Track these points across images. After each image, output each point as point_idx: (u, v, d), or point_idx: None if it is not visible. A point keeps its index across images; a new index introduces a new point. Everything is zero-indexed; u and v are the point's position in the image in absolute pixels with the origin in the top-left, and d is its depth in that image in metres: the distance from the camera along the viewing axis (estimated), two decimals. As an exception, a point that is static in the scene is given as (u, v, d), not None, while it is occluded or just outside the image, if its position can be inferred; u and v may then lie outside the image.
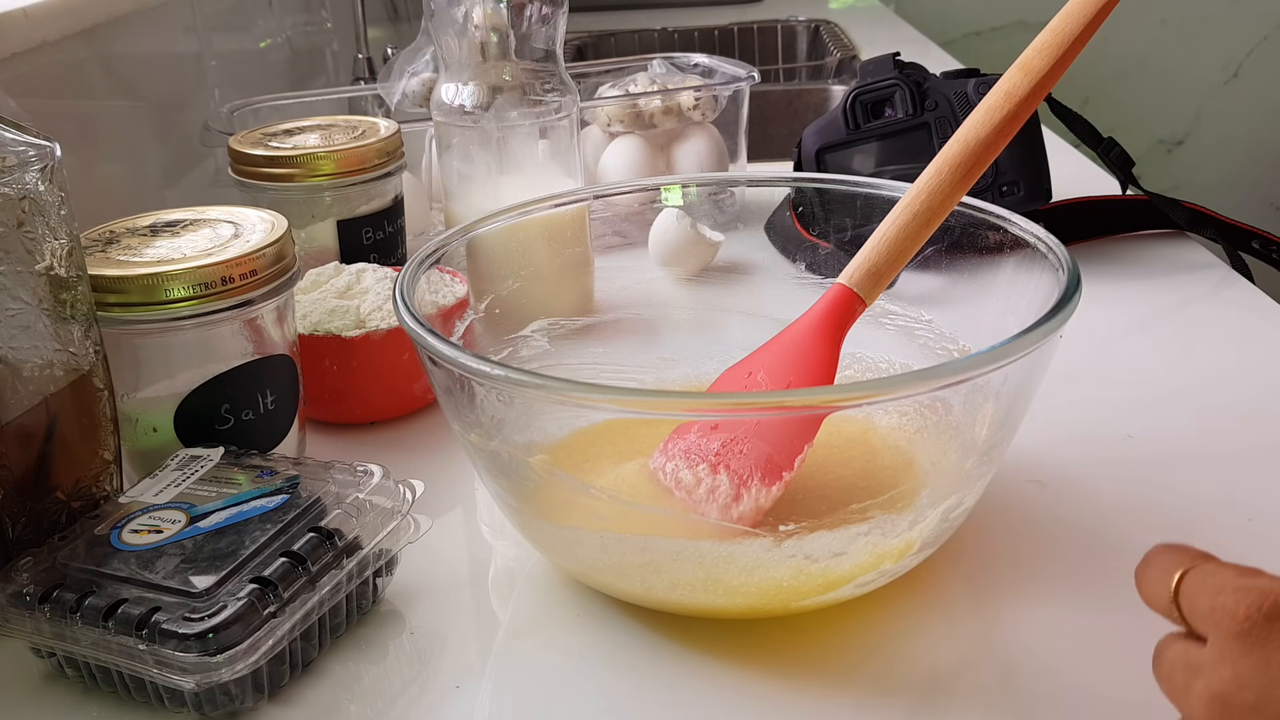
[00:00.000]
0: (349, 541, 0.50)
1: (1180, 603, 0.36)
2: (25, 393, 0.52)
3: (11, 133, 0.50)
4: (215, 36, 1.18)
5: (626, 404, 0.50)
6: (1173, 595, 0.36)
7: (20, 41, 0.79)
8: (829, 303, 0.54)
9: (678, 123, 0.99)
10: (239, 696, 0.46)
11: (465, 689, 0.48)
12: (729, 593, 0.48)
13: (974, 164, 0.53)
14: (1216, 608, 0.34)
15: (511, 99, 0.76)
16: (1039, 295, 0.52)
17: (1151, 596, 0.37)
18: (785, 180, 0.84)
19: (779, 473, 0.51)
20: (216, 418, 0.59)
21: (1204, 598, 0.35)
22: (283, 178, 0.77)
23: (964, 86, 0.84)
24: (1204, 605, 0.35)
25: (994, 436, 0.51)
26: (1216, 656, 0.34)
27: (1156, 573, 0.37)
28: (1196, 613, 0.35)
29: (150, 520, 0.50)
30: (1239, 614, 0.33)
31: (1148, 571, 0.38)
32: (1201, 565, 0.36)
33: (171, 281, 0.55)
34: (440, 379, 0.51)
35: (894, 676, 0.48)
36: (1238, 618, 0.33)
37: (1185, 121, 2.44)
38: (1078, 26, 0.51)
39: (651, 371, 0.67)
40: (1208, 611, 0.35)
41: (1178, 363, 0.73)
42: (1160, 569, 0.37)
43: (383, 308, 0.68)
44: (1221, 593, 0.34)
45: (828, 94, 1.55)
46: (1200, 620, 0.35)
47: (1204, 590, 0.35)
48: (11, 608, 0.47)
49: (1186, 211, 0.89)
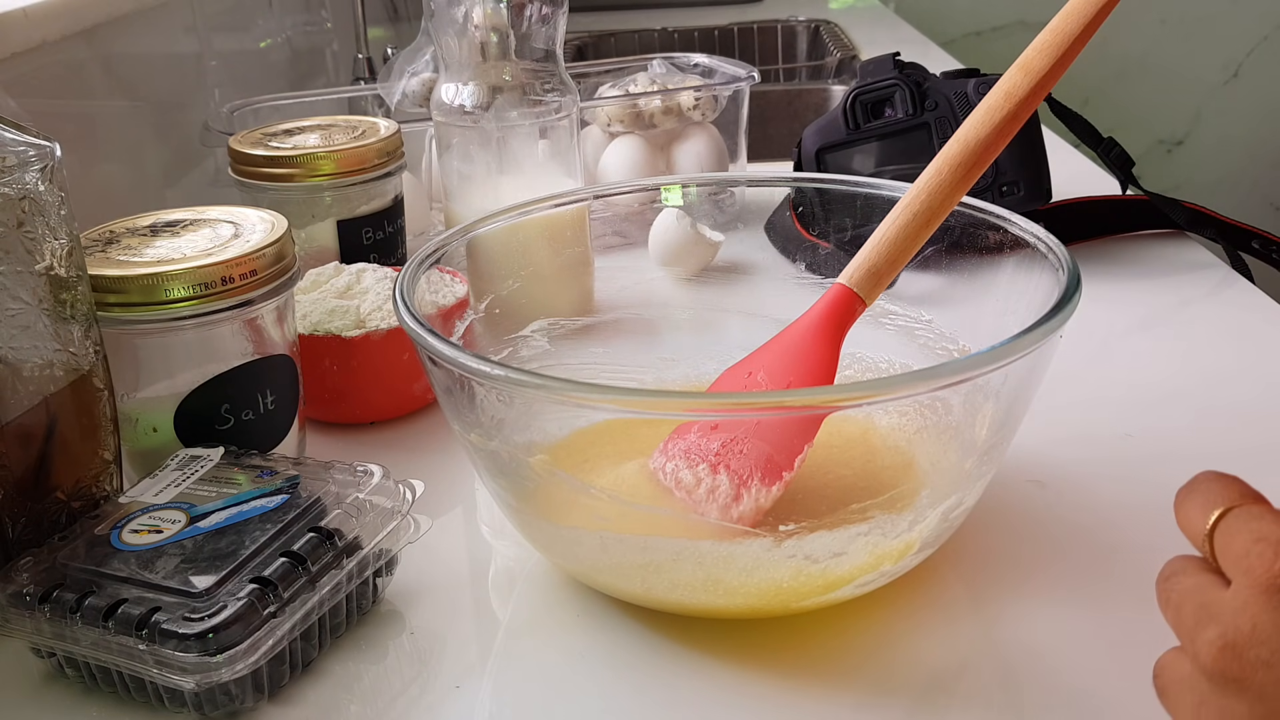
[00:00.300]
0: (349, 541, 0.50)
1: (1215, 539, 0.35)
2: (25, 393, 0.52)
3: (11, 133, 0.50)
4: (215, 36, 1.18)
5: (626, 404, 0.50)
6: (1210, 529, 0.35)
7: (20, 41, 0.79)
8: (829, 303, 0.54)
9: (678, 123, 0.99)
10: (239, 696, 0.46)
11: (465, 689, 0.48)
12: (729, 593, 0.48)
13: (974, 164, 0.53)
14: (1251, 555, 0.33)
15: (511, 99, 0.76)
16: (1039, 295, 0.52)
17: (1188, 523, 0.36)
18: (785, 180, 0.84)
19: (779, 473, 0.51)
20: (216, 418, 0.59)
21: (1241, 541, 0.34)
22: (283, 178, 0.77)
23: (964, 86, 0.84)
24: (1239, 548, 0.34)
25: (994, 436, 0.51)
26: (1238, 605, 0.33)
27: (1200, 500, 0.36)
28: (1229, 553, 0.34)
29: (150, 520, 0.50)
30: (1275, 569, 0.32)
31: (1190, 497, 0.36)
32: (1249, 506, 0.35)
33: (171, 281, 0.55)
34: (440, 379, 0.51)
35: (894, 676, 0.48)
36: (1272, 573, 0.32)
37: (1185, 121, 2.44)
38: (1078, 26, 0.51)
39: (651, 371, 0.67)
40: (1241, 556, 0.33)
41: (1178, 363, 0.73)
42: (1205, 497, 0.35)
43: (383, 308, 0.68)
44: (1263, 541, 0.33)
45: (828, 94, 1.55)
46: (1231, 563, 0.34)
47: (1243, 533, 0.34)
48: (11, 608, 0.47)
49: (1186, 211, 0.89)
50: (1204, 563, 0.35)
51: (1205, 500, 0.35)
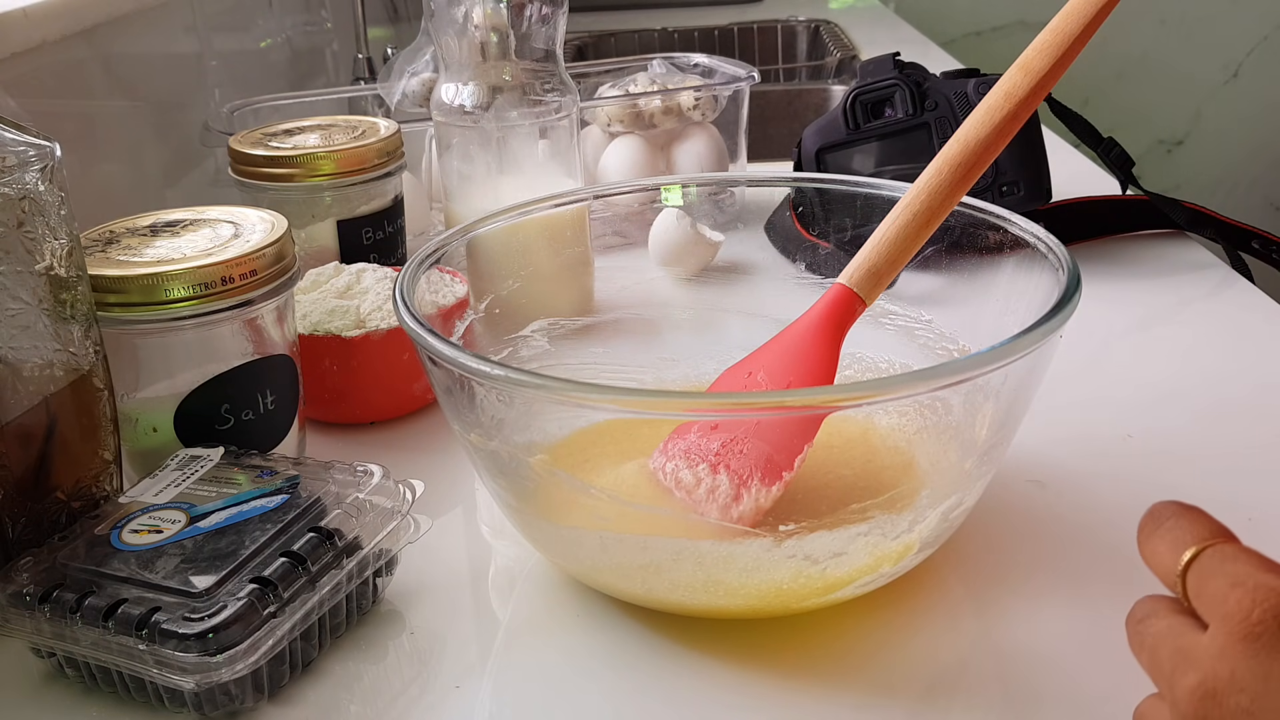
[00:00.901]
0: (349, 541, 0.50)
1: (1188, 579, 0.34)
2: (25, 393, 0.52)
3: (11, 133, 0.50)
4: (215, 36, 1.18)
5: (626, 404, 0.50)
6: (1182, 569, 0.34)
7: (20, 41, 0.79)
8: (829, 303, 0.54)
9: (678, 123, 0.99)
10: (239, 696, 0.46)
11: (465, 689, 0.48)
12: (729, 593, 0.48)
13: (974, 164, 0.53)
14: (1230, 600, 0.32)
15: (511, 99, 0.76)
16: (1039, 295, 0.52)
17: (1157, 561, 0.35)
18: (785, 180, 0.84)
19: (779, 473, 0.51)
20: (216, 418, 0.59)
21: (1218, 584, 0.33)
22: (283, 178, 0.77)
23: (964, 86, 0.84)
24: (1215, 592, 0.33)
25: (994, 436, 0.51)
26: (1216, 651, 0.32)
27: (1169, 536, 0.35)
28: (1204, 596, 0.33)
29: (150, 520, 0.50)
30: (1252, 616, 0.31)
31: (1158, 533, 0.35)
32: (1221, 545, 0.34)
33: (171, 281, 0.55)
34: (440, 379, 0.51)
35: (894, 677, 0.48)
36: (1250, 620, 0.31)
37: (1185, 121, 2.44)
38: (1078, 26, 0.51)
39: (651, 371, 0.67)
40: (1218, 600, 0.32)
41: (1178, 363, 0.73)
42: (1174, 534, 0.35)
43: (383, 308, 0.68)
44: (1240, 586, 0.32)
45: (828, 94, 1.55)
46: (1207, 606, 0.33)
47: (1220, 576, 0.33)
48: (11, 608, 0.47)
49: (1186, 211, 0.89)
50: (1176, 603, 0.35)
51: (1175, 538, 0.35)
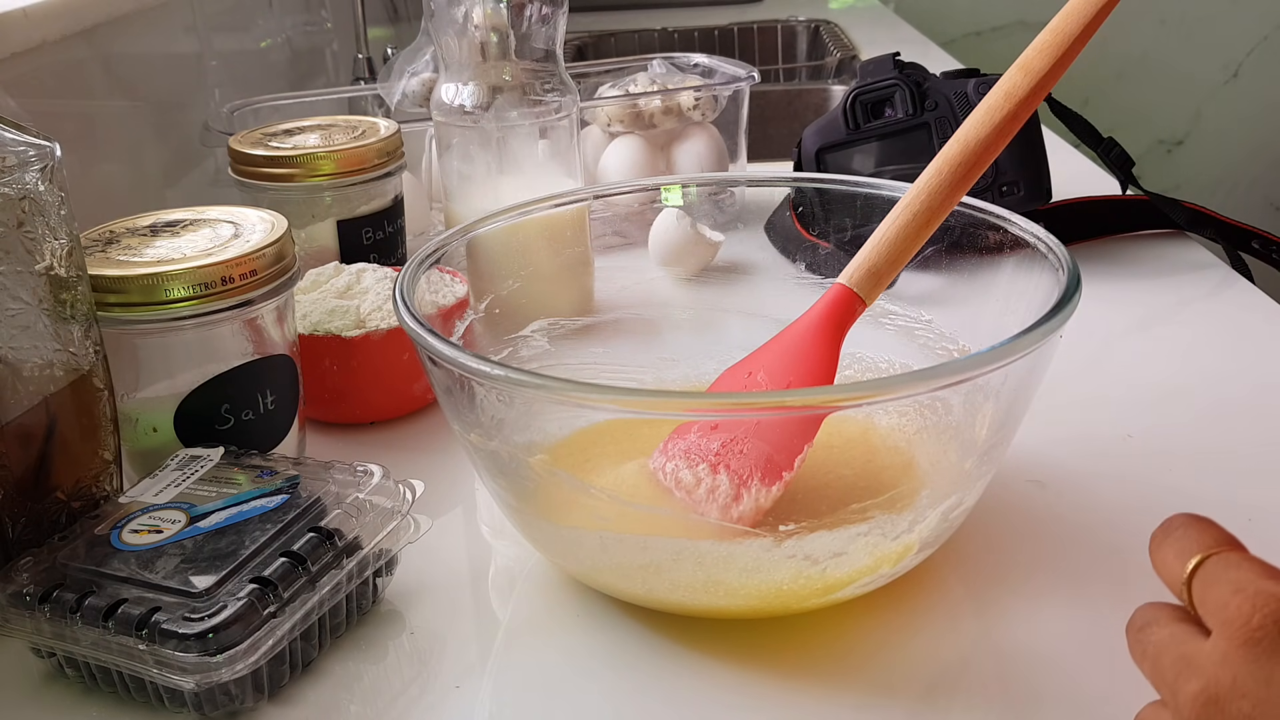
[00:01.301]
0: (349, 541, 0.50)
1: (1193, 586, 0.34)
2: (25, 393, 0.52)
3: (11, 133, 0.50)
4: (215, 36, 1.18)
5: (626, 404, 0.50)
6: (1188, 576, 0.34)
7: (20, 41, 0.79)
8: (829, 303, 0.54)
9: (678, 123, 0.99)
10: (239, 696, 0.46)
11: (465, 689, 0.48)
12: (729, 593, 0.48)
13: (974, 164, 0.53)
14: (1231, 606, 0.32)
15: (511, 99, 0.76)
16: (1039, 295, 0.52)
17: (1165, 570, 0.35)
18: (785, 180, 0.84)
19: (779, 473, 0.51)
20: (216, 418, 0.59)
21: (1220, 591, 0.33)
22: (283, 178, 0.77)
23: (964, 86, 0.84)
24: (1218, 599, 0.33)
25: (994, 436, 0.51)
26: (1219, 657, 0.32)
27: (1176, 545, 0.35)
28: (1208, 603, 0.33)
29: (150, 520, 0.50)
30: (1253, 622, 0.32)
31: (1166, 542, 0.36)
32: (1226, 553, 0.34)
33: (171, 281, 0.55)
34: (440, 379, 0.51)
35: (894, 677, 0.48)
36: (1251, 625, 0.32)
37: (1185, 121, 2.44)
38: (1078, 26, 0.51)
39: (651, 371, 0.67)
40: (1220, 606, 0.33)
41: (1178, 363, 0.73)
42: (1181, 543, 0.35)
43: (383, 308, 0.68)
44: (1241, 592, 0.32)
45: (828, 94, 1.55)
46: (1211, 613, 0.33)
47: (1223, 583, 0.33)
48: (11, 608, 0.47)
49: (1186, 211, 0.89)
50: (1176, 610, 0.35)
51: (1182, 546, 0.35)
